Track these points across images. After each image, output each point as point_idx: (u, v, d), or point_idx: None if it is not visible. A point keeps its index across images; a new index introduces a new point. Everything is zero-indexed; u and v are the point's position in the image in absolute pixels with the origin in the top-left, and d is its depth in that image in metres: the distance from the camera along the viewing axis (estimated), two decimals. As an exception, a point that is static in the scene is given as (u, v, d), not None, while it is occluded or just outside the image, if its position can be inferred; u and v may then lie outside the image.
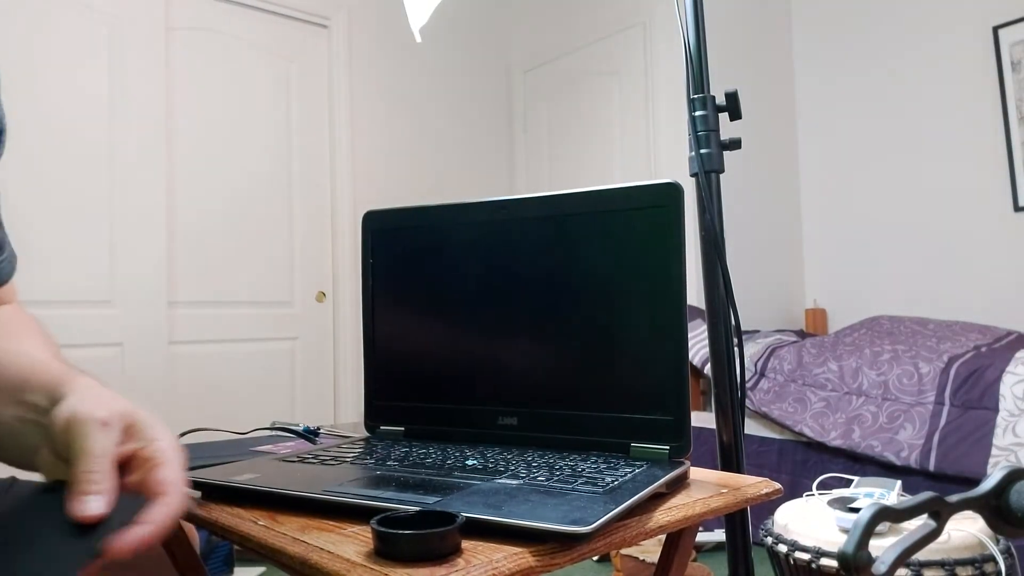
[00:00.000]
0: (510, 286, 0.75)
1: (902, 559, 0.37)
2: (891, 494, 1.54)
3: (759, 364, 2.61)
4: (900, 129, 3.28)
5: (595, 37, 3.49)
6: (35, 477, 0.48)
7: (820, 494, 1.63)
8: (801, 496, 1.71)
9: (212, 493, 0.60)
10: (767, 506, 2.30)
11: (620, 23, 3.37)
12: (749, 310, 3.28)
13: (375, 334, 0.82)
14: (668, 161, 3.16)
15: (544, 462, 0.64)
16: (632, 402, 0.68)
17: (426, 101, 3.51)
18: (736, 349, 0.89)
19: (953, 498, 0.40)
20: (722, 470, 0.88)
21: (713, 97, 0.92)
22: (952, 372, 2.19)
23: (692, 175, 0.92)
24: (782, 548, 1.48)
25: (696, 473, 0.68)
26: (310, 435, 0.89)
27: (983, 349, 2.31)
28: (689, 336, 1.65)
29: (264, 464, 0.66)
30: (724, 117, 0.92)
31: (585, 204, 0.72)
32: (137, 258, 2.63)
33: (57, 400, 0.47)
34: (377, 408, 0.82)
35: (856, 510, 1.43)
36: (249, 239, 2.93)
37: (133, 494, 0.42)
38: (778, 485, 0.65)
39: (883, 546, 0.38)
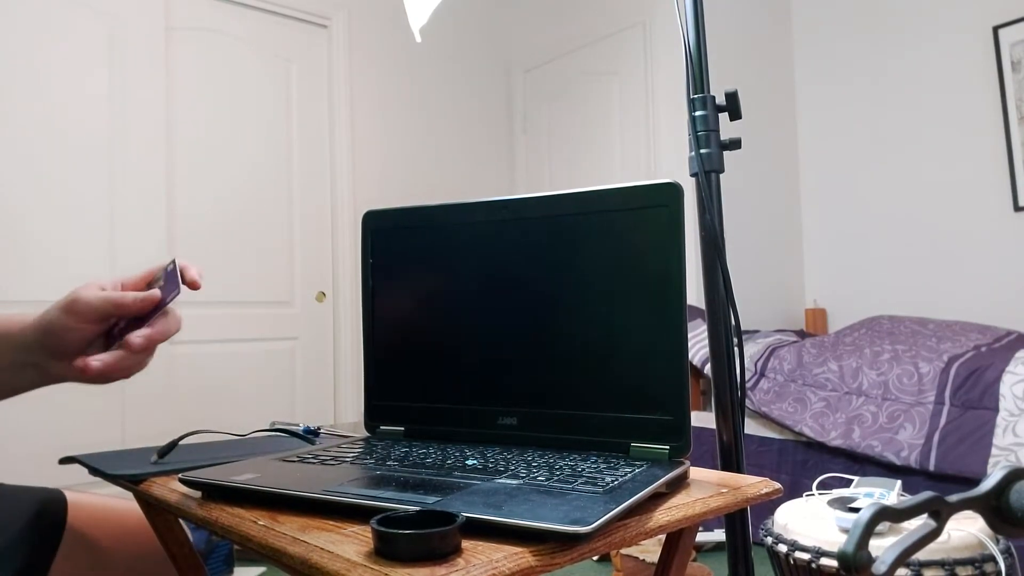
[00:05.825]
0: (510, 286, 0.74)
1: (902, 559, 0.37)
2: (891, 494, 1.54)
3: (759, 364, 2.61)
4: (900, 129, 3.28)
5: (595, 37, 3.49)
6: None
7: (820, 494, 1.63)
8: (801, 496, 1.71)
9: (212, 493, 0.60)
10: (767, 506, 2.30)
11: (620, 23, 3.37)
12: (749, 310, 3.28)
13: (375, 334, 0.82)
14: (668, 161, 3.16)
15: (544, 462, 0.64)
16: (632, 402, 0.68)
17: (426, 101, 3.51)
18: (736, 349, 0.89)
19: (953, 498, 0.40)
20: (722, 470, 0.88)
21: (713, 97, 0.92)
22: (952, 372, 2.19)
23: (692, 175, 0.92)
24: (782, 548, 1.48)
25: (696, 473, 0.68)
26: (310, 435, 0.89)
27: (983, 349, 2.31)
28: (689, 336, 1.65)
29: (264, 464, 0.66)
30: (724, 117, 0.92)
31: (585, 204, 0.72)
32: (137, 258, 2.63)
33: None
34: (377, 408, 0.82)
35: (856, 510, 1.43)
36: (249, 239, 2.93)
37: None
38: (778, 485, 0.65)
39: (883, 546, 0.38)
